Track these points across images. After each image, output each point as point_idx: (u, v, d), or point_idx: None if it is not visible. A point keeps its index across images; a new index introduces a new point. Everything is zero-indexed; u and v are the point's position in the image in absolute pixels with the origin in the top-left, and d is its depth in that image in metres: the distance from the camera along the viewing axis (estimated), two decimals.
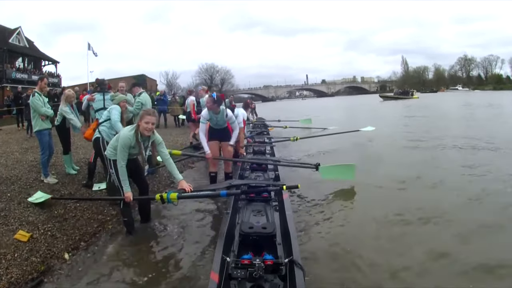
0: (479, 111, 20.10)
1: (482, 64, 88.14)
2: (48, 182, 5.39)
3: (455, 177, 5.88)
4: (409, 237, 3.81)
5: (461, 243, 3.60)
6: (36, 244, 3.56)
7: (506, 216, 4.18)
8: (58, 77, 33.57)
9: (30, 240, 3.58)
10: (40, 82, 5.71)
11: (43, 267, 3.24)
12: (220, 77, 70.68)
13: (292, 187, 4.01)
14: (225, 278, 2.55)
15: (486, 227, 3.91)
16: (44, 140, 5.48)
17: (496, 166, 6.29)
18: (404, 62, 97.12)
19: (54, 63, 34.60)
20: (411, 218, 4.27)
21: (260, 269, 2.56)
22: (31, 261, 3.27)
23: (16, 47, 30.24)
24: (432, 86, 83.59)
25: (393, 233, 3.94)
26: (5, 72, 26.91)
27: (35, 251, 3.44)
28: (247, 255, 2.77)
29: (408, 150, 8.70)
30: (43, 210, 4.30)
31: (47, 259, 3.38)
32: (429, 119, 16.52)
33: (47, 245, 3.59)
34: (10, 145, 8.86)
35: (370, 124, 10.99)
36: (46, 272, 3.20)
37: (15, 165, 6.26)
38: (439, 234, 3.84)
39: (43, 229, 3.88)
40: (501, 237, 3.67)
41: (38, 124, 5.46)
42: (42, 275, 3.14)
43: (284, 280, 2.63)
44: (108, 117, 4.96)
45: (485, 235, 3.74)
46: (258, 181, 5.09)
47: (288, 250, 2.90)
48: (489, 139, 9.18)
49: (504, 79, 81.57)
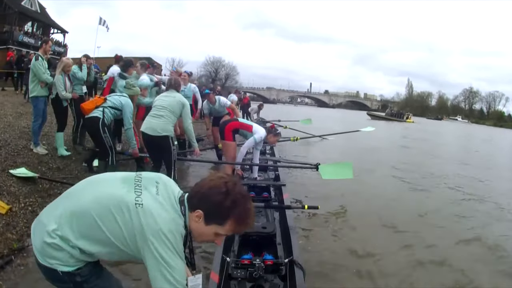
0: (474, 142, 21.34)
1: (486, 99, 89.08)
2: (37, 152, 5.10)
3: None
4: (409, 237, 3.98)
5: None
6: (14, 218, 3.30)
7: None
8: (65, 47, 33.08)
9: (8, 213, 3.30)
10: (45, 45, 5.34)
11: (17, 245, 2.97)
12: (225, 72, 70.07)
13: (313, 207, 4.05)
14: (225, 278, 2.51)
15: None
16: (39, 107, 5.18)
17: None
18: (409, 85, 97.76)
19: (63, 33, 34.06)
20: (411, 218, 4.53)
21: (260, 269, 2.54)
22: (5, 236, 3.00)
23: (27, 10, 29.69)
24: (434, 113, 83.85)
25: (393, 233, 4.10)
26: (13, 34, 26.39)
27: (12, 226, 3.17)
28: (247, 255, 2.73)
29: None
30: (27, 182, 4.03)
31: (23, 237, 3.10)
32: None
33: (25, 221, 3.32)
34: (4, 107, 8.54)
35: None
36: (18, 252, 2.92)
37: (6, 128, 5.95)
38: (439, 234, 4.10)
39: (24, 202, 3.61)
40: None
41: (36, 90, 5.15)
42: (13, 254, 2.87)
43: (284, 280, 2.62)
44: (117, 106, 4.51)
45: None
46: (258, 181, 5.12)
47: (288, 250, 2.91)
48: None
49: (505, 117, 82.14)
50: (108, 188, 1.37)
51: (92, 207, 1.31)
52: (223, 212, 1.30)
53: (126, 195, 1.32)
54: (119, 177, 1.43)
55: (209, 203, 1.30)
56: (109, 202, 1.31)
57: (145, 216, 1.27)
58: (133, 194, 1.33)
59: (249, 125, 5.23)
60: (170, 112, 4.24)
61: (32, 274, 2.53)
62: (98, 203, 1.32)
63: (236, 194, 1.31)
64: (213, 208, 1.30)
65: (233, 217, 1.31)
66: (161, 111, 4.22)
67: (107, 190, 1.36)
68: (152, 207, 1.30)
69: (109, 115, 4.43)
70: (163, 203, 1.33)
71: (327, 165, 5.51)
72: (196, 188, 1.36)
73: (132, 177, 1.42)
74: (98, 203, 1.32)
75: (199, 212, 1.32)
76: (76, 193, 1.41)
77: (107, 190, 1.36)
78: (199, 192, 1.33)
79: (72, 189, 1.46)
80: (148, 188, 1.36)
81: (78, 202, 1.35)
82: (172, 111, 4.26)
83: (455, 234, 4.29)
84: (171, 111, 4.25)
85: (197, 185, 1.37)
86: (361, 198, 5.45)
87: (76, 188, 1.45)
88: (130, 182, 1.38)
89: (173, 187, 1.44)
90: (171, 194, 1.39)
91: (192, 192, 1.36)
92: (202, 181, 1.37)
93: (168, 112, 4.23)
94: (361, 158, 9.06)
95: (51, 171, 4.69)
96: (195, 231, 1.37)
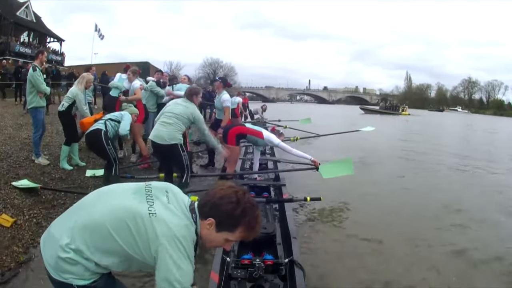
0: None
1: (485, 88, 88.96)
2: (39, 162, 5.10)
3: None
4: (409, 237, 3.95)
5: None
6: (19, 231, 3.29)
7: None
8: (62, 56, 33.12)
9: (13, 226, 3.30)
10: (41, 55, 5.29)
11: (23, 258, 2.96)
12: (223, 73, 69.88)
13: (315, 199, 4.23)
14: (225, 278, 2.53)
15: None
16: (39, 118, 5.17)
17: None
18: (408, 78, 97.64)
19: (59, 41, 34.11)
20: (411, 219, 4.49)
21: (260, 269, 2.55)
22: (11, 250, 3.00)
23: (22, 20, 29.68)
24: (434, 105, 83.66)
25: (393, 233, 4.06)
26: (9, 45, 26.42)
27: (18, 239, 3.17)
28: (247, 255, 2.74)
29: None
30: (30, 194, 4.03)
31: (29, 249, 3.10)
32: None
33: (31, 233, 3.32)
34: (4, 119, 8.57)
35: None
36: (25, 264, 2.92)
37: (7, 141, 5.98)
38: (439, 235, 4.04)
39: (28, 215, 3.61)
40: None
41: (35, 101, 5.12)
42: (20, 267, 2.86)
43: (284, 280, 2.63)
44: (117, 118, 4.58)
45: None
46: (258, 181, 5.14)
47: (288, 250, 2.92)
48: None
49: (505, 105, 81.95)
50: (120, 200, 1.39)
51: (107, 220, 1.33)
52: (234, 220, 1.37)
53: (139, 206, 1.35)
54: (129, 188, 1.45)
55: (220, 212, 1.37)
56: (123, 214, 1.33)
57: (159, 224, 1.31)
58: (145, 204, 1.36)
59: (258, 132, 5.05)
60: (179, 120, 4.11)
61: (40, 286, 2.52)
62: (112, 216, 1.34)
63: (246, 203, 1.38)
64: (224, 216, 1.37)
65: (243, 225, 1.38)
66: (170, 118, 4.11)
67: (120, 202, 1.38)
68: (165, 215, 1.34)
69: (110, 127, 4.41)
70: (174, 211, 1.38)
71: (327, 164, 5.48)
72: (207, 197, 1.41)
73: (142, 187, 1.45)
74: (112, 215, 1.34)
75: (210, 220, 1.38)
76: (87, 206, 1.42)
77: (119, 202, 1.38)
78: (210, 201, 1.39)
79: (82, 201, 1.46)
80: (159, 198, 1.40)
81: (91, 215, 1.36)
82: (181, 119, 4.14)
83: (458, 233, 4.22)
84: (181, 120, 4.13)
85: (208, 194, 1.42)
86: (362, 197, 5.42)
87: (87, 200, 1.46)
88: (141, 193, 1.41)
89: (182, 196, 1.49)
90: (181, 203, 1.44)
91: (203, 201, 1.42)
92: (212, 190, 1.43)
93: (177, 120, 4.10)
94: (361, 155, 9.02)
95: (53, 181, 4.69)
96: (206, 237, 1.43)
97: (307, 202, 4.61)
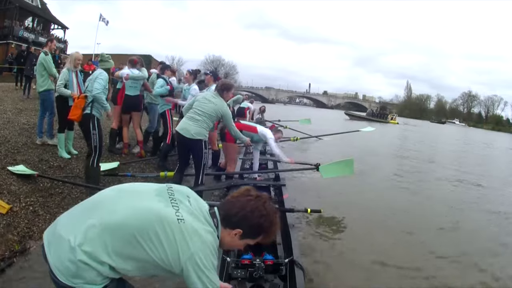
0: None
1: (484, 102, 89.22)
2: (53, 143, 5.21)
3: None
4: (409, 237, 4.05)
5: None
6: (15, 219, 3.20)
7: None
8: (65, 43, 32.89)
9: (9, 213, 3.21)
10: (50, 43, 5.71)
11: (18, 247, 2.88)
12: (224, 71, 69.84)
13: (316, 211, 4.06)
14: (225, 278, 2.50)
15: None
16: (51, 99, 5.33)
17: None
18: (408, 88, 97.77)
19: (63, 28, 33.86)
20: (412, 219, 4.61)
21: (260, 269, 2.55)
22: (6, 238, 2.91)
23: (27, 5, 29.45)
24: (435, 117, 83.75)
25: (393, 233, 4.14)
26: (13, 29, 26.17)
27: (13, 227, 3.08)
28: (247, 255, 2.73)
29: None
30: (28, 181, 3.93)
31: (25, 238, 3.02)
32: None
33: (27, 221, 3.23)
34: (4, 103, 8.41)
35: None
36: (20, 254, 2.83)
37: (6, 125, 5.84)
38: (439, 235, 4.17)
39: (25, 202, 3.51)
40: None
41: (47, 84, 5.35)
42: (15, 256, 2.78)
43: (284, 280, 2.63)
44: (95, 95, 4.16)
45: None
46: (258, 181, 5.15)
47: (288, 250, 2.93)
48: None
49: (503, 121, 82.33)
50: (145, 201, 1.32)
51: (132, 224, 1.25)
52: (260, 230, 1.42)
53: (167, 210, 1.30)
54: (152, 189, 1.40)
55: (251, 224, 1.39)
56: (151, 217, 1.27)
57: (188, 232, 1.28)
58: (171, 208, 1.31)
59: (253, 127, 5.21)
60: (207, 118, 4.07)
61: (34, 277, 2.45)
62: (138, 219, 1.26)
63: (272, 214, 1.42)
64: (253, 228, 1.40)
65: (266, 233, 1.43)
66: (199, 116, 4.05)
67: (145, 204, 1.31)
68: (194, 222, 1.32)
69: (96, 109, 4.20)
70: (199, 217, 1.36)
71: (327, 164, 5.45)
72: (236, 209, 1.39)
73: (164, 189, 1.40)
74: (138, 218, 1.26)
75: (238, 231, 1.40)
76: (107, 205, 1.31)
77: (144, 203, 1.31)
78: (240, 213, 1.39)
79: (98, 199, 1.36)
80: (183, 202, 1.37)
81: (113, 216, 1.26)
82: (209, 117, 4.09)
83: (459, 235, 4.34)
84: (209, 117, 4.09)
85: (235, 206, 1.40)
86: (362, 198, 5.49)
87: (105, 198, 1.36)
88: (164, 195, 1.36)
89: (201, 201, 1.47)
90: (202, 207, 1.42)
91: (231, 211, 1.40)
92: (240, 200, 1.41)
93: (206, 118, 4.06)
94: (361, 158, 9.09)
95: (52, 169, 4.58)
96: (228, 244, 1.45)
97: (308, 202, 4.61)
